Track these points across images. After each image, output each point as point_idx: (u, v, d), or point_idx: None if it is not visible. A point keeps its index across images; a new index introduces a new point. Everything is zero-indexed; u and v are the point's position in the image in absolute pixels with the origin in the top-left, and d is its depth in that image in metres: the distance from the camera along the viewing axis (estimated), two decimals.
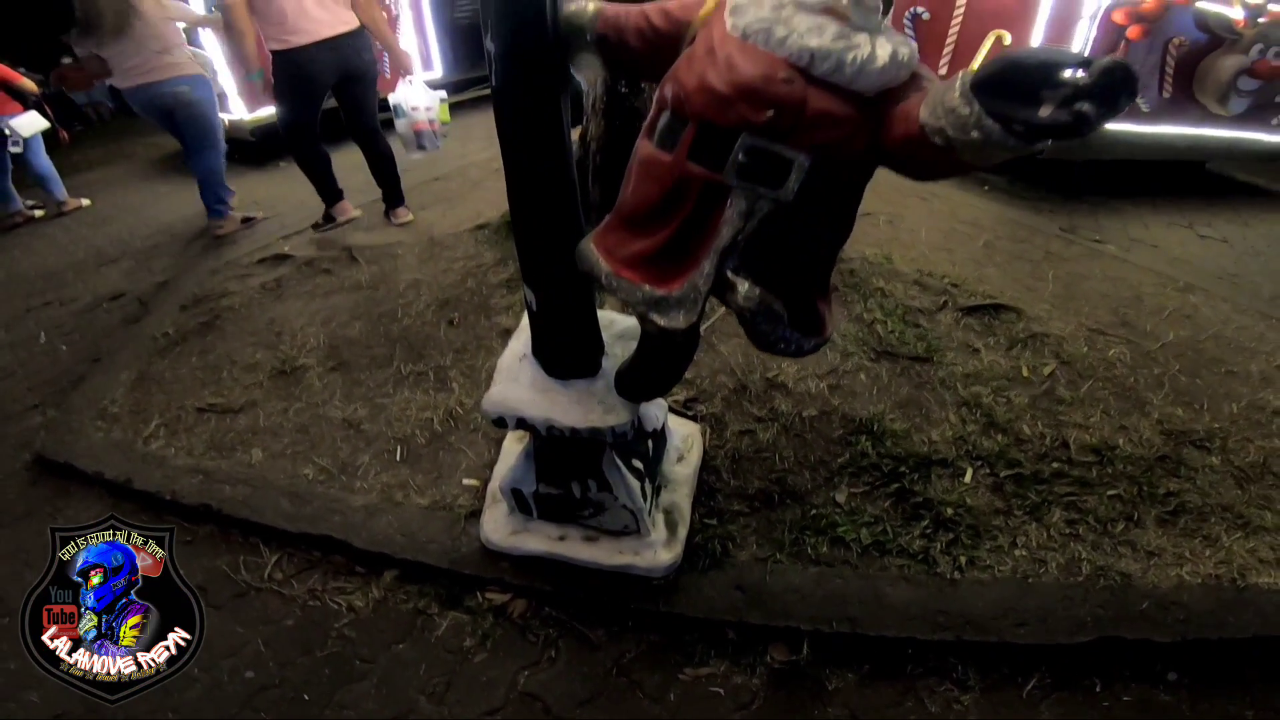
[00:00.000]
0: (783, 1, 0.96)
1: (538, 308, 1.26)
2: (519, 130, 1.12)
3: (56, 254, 4.00)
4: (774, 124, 0.94)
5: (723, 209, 1.01)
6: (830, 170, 0.98)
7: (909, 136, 0.91)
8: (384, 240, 3.11)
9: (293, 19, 2.95)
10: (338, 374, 2.21)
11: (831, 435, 1.85)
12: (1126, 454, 1.84)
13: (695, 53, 1.00)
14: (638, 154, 1.08)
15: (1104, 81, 0.71)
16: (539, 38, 1.05)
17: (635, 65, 1.17)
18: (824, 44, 0.92)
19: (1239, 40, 3.50)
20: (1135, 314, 2.49)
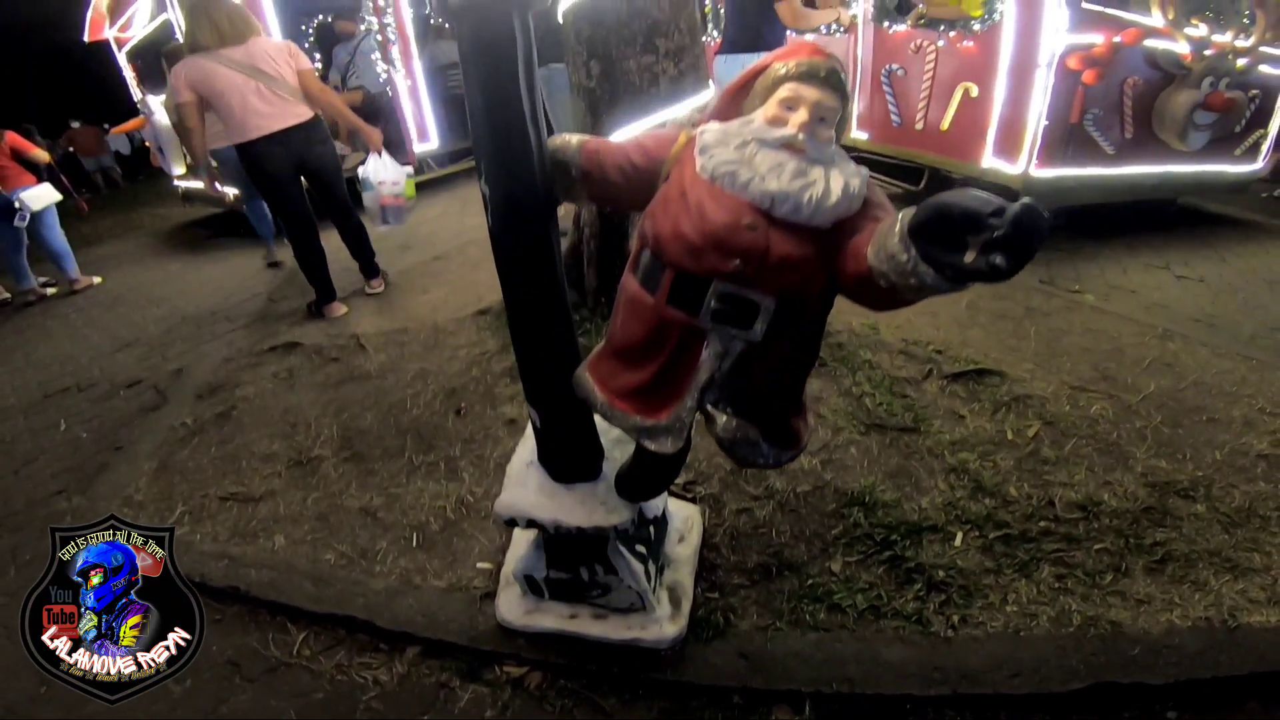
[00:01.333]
0: (746, 139, 1.08)
1: (541, 424, 1.41)
2: (516, 268, 1.28)
3: (72, 337, 4.20)
4: (741, 272, 1.06)
5: (701, 348, 1.14)
6: (794, 309, 1.10)
7: (859, 275, 1.01)
8: (390, 326, 3.30)
9: (239, 115, 3.20)
10: (352, 464, 2.35)
11: (825, 509, 1.97)
12: (1112, 508, 1.94)
13: (670, 194, 1.13)
14: (624, 290, 1.21)
15: (1013, 232, 0.78)
16: (529, 184, 1.21)
17: (617, 198, 1.31)
18: (782, 186, 1.04)
19: (1189, 75, 3.65)
20: (1116, 367, 2.61)
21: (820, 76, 1.07)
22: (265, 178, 3.37)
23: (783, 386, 1.24)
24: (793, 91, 1.08)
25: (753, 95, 1.14)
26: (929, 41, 4.19)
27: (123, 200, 11.23)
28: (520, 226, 1.24)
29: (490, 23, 1.10)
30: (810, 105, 1.06)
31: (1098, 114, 3.68)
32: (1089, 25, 3.48)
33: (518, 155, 1.18)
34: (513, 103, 1.15)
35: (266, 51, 3.24)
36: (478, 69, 1.14)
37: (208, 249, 6.05)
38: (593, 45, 2.48)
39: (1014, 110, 3.73)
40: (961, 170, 4.16)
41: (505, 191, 1.21)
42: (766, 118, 1.08)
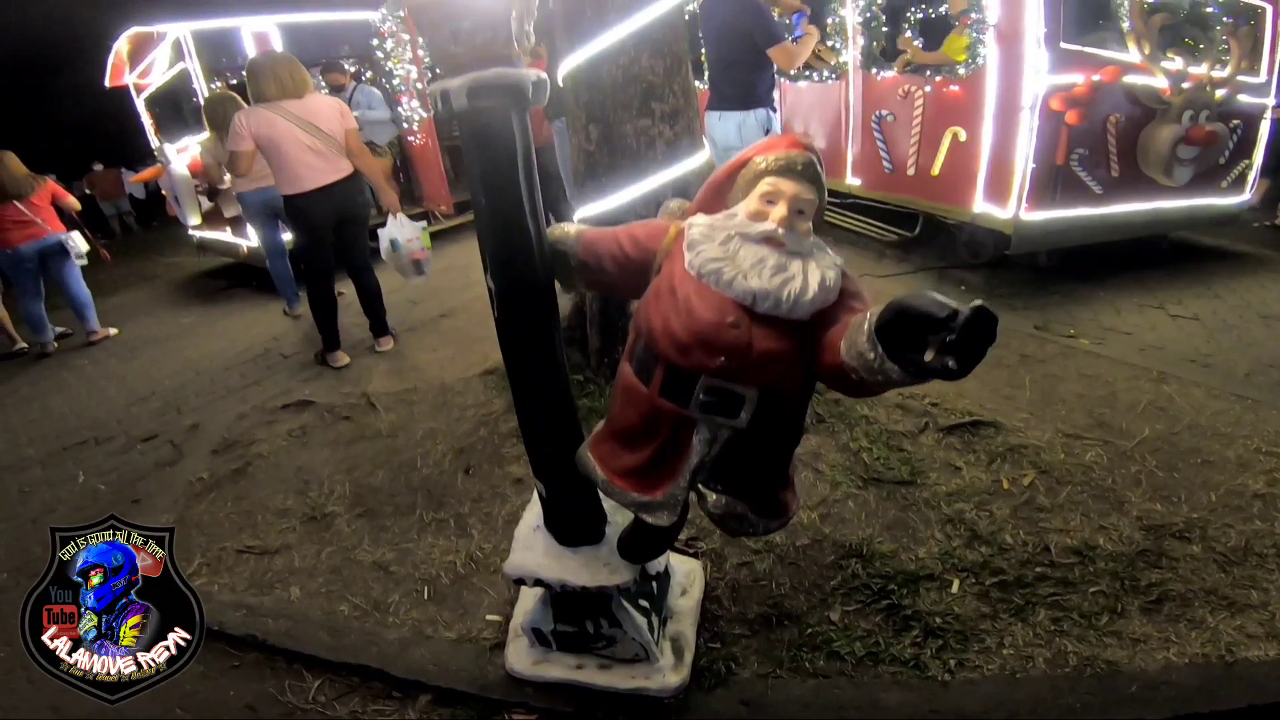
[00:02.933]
0: (730, 233, 1.18)
1: (547, 495, 1.53)
2: (520, 354, 1.40)
3: (88, 389, 4.34)
4: (726, 368, 1.16)
5: (692, 434, 1.24)
6: (776, 398, 1.20)
7: (834, 367, 1.09)
8: (399, 386, 3.43)
9: (292, 167, 3.45)
10: (365, 520, 2.45)
11: (824, 560, 2.05)
12: (1108, 552, 2.00)
13: (661, 288, 1.24)
14: (621, 378, 1.32)
15: (962, 338, 0.85)
16: (530, 277, 1.33)
17: (613, 287, 1.42)
18: (763, 284, 1.13)
19: (1169, 109, 3.72)
20: (1111, 413, 2.68)
21: (797, 170, 1.17)
22: (307, 227, 3.63)
23: (769, 465, 1.34)
24: (772, 186, 1.18)
25: (736, 187, 1.25)
26: (916, 87, 4.31)
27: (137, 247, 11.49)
28: (523, 318, 1.36)
29: (491, 124, 1.23)
30: (788, 199, 1.17)
31: (1083, 154, 3.75)
32: (1069, 65, 3.56)
33: (519, 249, 1.31)
34: (513, 198, 1.27)
35: (321, 108, 3.50)
36: (480, 166, 1.26)
37: (221, 300, 6.22)
38: (591, 109, 2.61)
39: (1001, 154, 3.82)
40: (954, 215, 4.24)
41: (508, 285, 1.34)
42: (748, 213, 1.19)
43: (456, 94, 1.18)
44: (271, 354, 4.38)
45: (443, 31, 1.18)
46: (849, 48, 4.93)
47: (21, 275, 4.96)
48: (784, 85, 5.90)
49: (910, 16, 4.65)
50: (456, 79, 1.19)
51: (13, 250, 4.84)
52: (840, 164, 5.24)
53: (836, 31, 5.05)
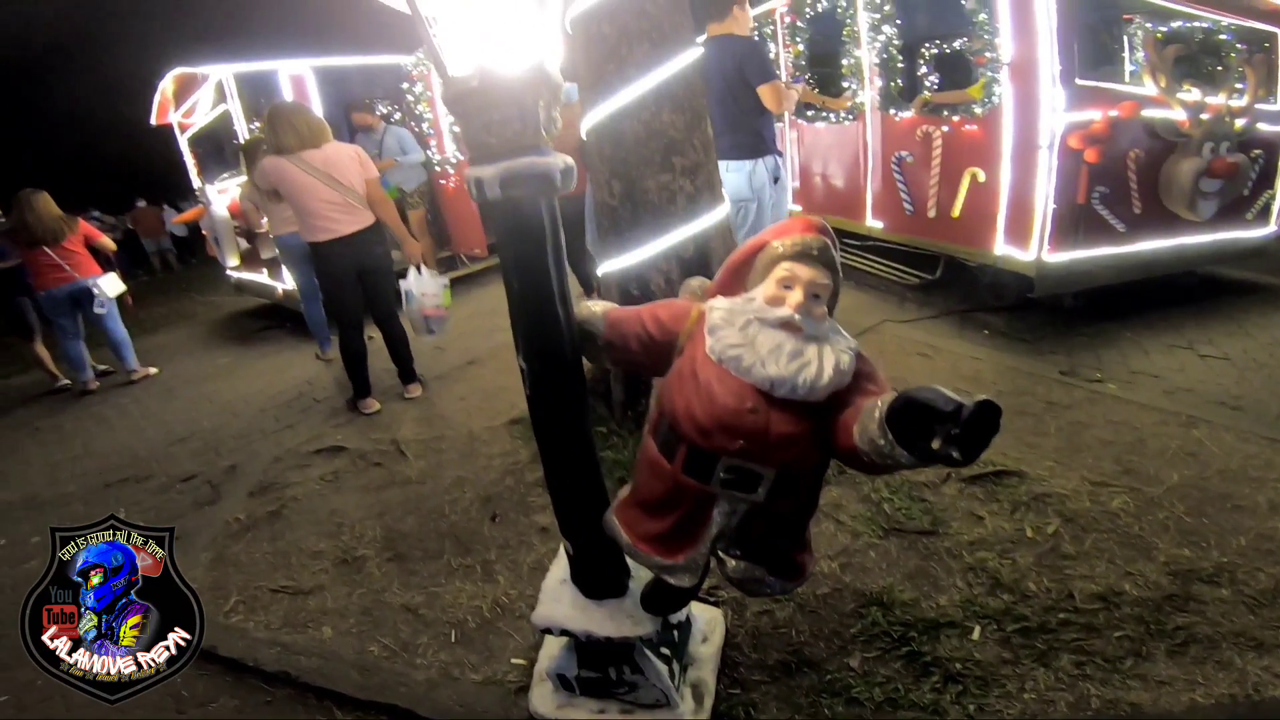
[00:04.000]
0: (749, 318, 1.24)
1: (574, 553, 1.61)
2: (551, 427, 1.50)
3: (129, 428, 4.52)
4: (745, 450, 1.23)
5: (712, 507, 1.32)
6: (793, 474, 1.27)
7: (848, 448, 1.16)
8: (428, 433, 3.54)
9: (310, 219, 3.62)
10: (395, 564, 2.54)
11: (844, 609, 2.08)
12: (1133, 597, 2.00)
13: (684, 371, 1.31)
14: (645, 453, 1.41)
15: (965, 433, 0.92)
16: (560, 358, 1.42)
17: (638, 365, 1.51)
18: (780, 371, 1.18)
19: (1190, 142, 3.68)
20: (1138, 459, 2.66)
21: (813, 255, 1.24)
22: (327, 276, 3.81)
23: (786, 533, 1.40)
24: (789, 271, 1.24)
25: (754, 270, 1.32)
26: (934, 127, 4.32)
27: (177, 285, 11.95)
28: (554, 395, 1.46)
29: (522, 212, 1.33)
30: (804, 285, 1.23)
31: (1104, 192, 3.71)
32: (1086, 102, 3.54)
33: (549, 331, 1.40)
34: (543, 283, 1.36)
35: (339, 158, 3.64)
36: (513, 252, 1.36)
37: (257, 342, 6.41)
38: (614, 164, 2.69)
39: (1021, 194, 3.79)
40: (976, 258, 4.23)
41: (540, 364, 1.43)
42: (766, 297, 1.25)
43: (489, 184, 1.26)
44: (305, 398, 4.54)
45: (475, 122, 1.26)
46: (865, 88, 5.00)
47: (57, 317, 5.16)
48: (801, 126, 6.01)
49: (925, 53, 4.71)
50: (490, 168, 1.27)
51: (46, 293, 5.05)
52: (860, 206, 5.28)
53: (852, 72, 5.14)
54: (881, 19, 4.74)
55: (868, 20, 4.85)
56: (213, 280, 10.12)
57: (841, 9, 5.13)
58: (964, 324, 4.29)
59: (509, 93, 1.23)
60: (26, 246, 4.96)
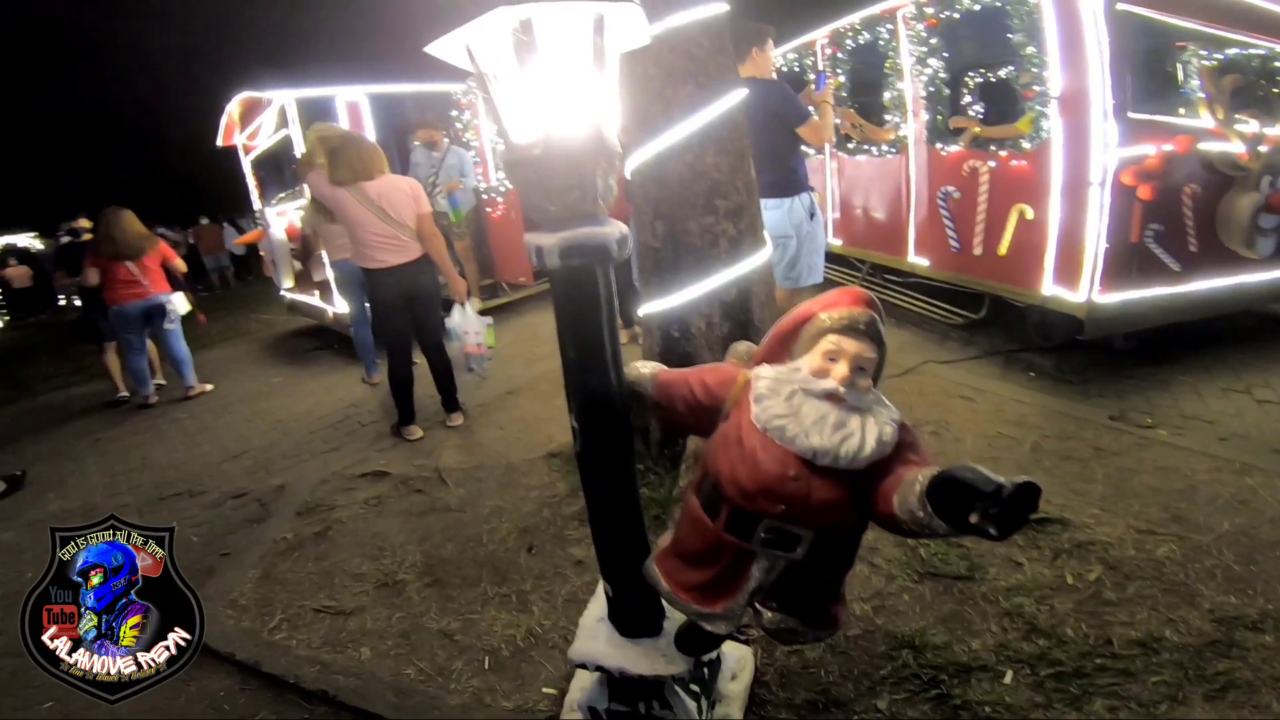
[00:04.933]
0: (794, 389, 1.29)
1: (613, 595, 1.67)
2: (598, 482, 1.58)
3: (185, 443, 4.74)
4: (786, 514, 1.28)
5: (752, 563, 1.37)
6: (831, 536, 1.32)
7: (887, 515, 1.21)
8: (469, 462, 3.65)
9: (362, 249, 3.80)
10: (433, 589, 2.62)
11: (875, 650, 2.08)
12: (1174, 643, 1.98)
13: (729, 436, 1.36)
14: (688, 508, 1.47)
15: (1002, 513, 0.98)
16: (611, 419, 1.50)
17: (685, 426, 1.58)
18: (823, 442, 1.23)
19: (1248, 176, 3.56)
20: (1188, 507, 2.61)
21: (860, 329, 1.27)
22: (376, 304, 4.00)
23: (822, 587, 1.45)
24: (835, 344, 1.27)
25: (800, 340, 1.36)
26: (982, 162, 4.27)
27: (234, 302, 12.46)
28: (603, 454, 1.54)
29: (579, 280, 1.39)
30: (850, 358, 1.26)
31: (1159, 230, 3.60)
32: (1139, 136, 3.46)
33: (601, 395, 1.48)
34: (598, 349, 1.43)
35: (393, 192, 3.78)
36: (569, 319, 1.43)
37: (308, 362, 6.64)
38: (658, 206, 2.73)
39: (1071, 233, 3.71)
40: (1023, 298, 4.16)
41: (591, 425, 1.51)
42: (812, 369, 1.29)
43: (549, 253, 1.33)
44: (351, 420, 4.70)
45: (537, 189, 1.32)
46: (909, 121, 4.98)
47: (127, 332, 5.42)
48: (841, 158, 6.00)
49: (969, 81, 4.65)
50: (550, 237, 1.33)
51: (119, 308, 5.30)
52: (902, 242, 5.26)
53: (895, 105, 5.14)
54: (928, 52, 4.74)
55: (913, 53, 4.86)
56: (266, 299, 10.50)
57: (884, 41, 5.15)
58: (1008, 365, 4.23)
59: (570, 161, 1.28)
60: (109, 260, 5.22)
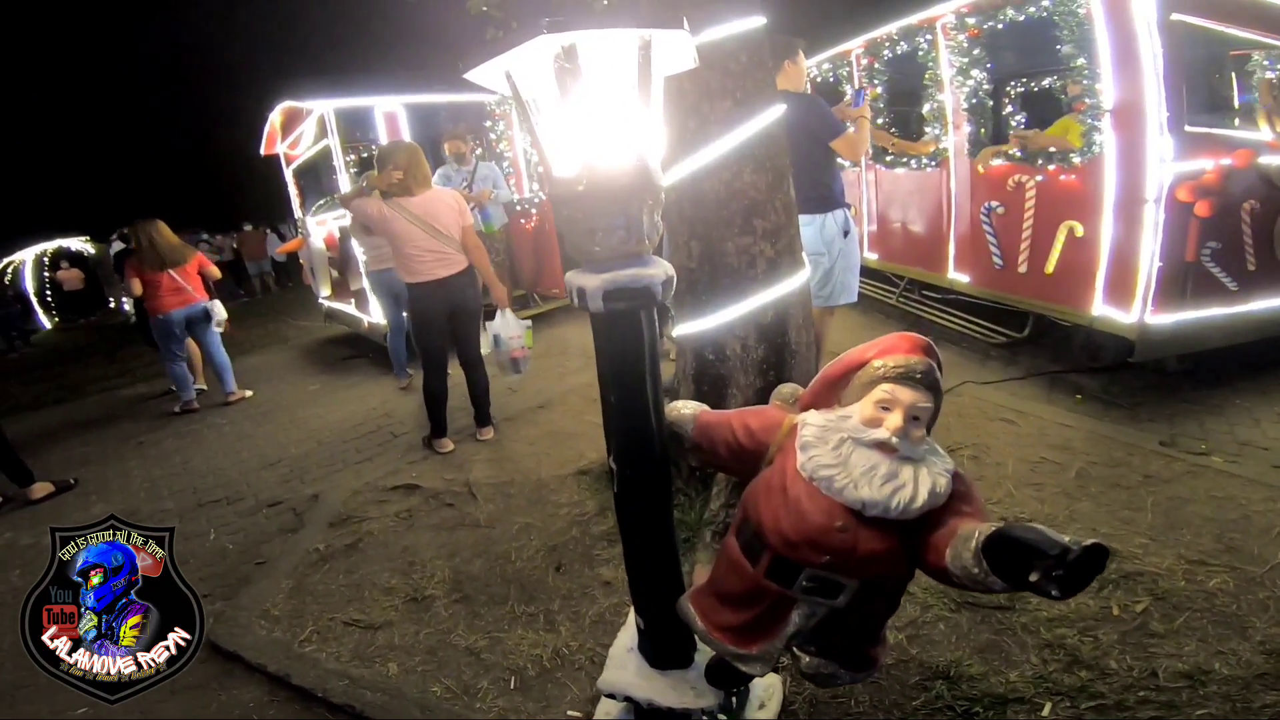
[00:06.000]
0: (844, 437, 1.23)
1: (645, 628, 1.65)
2: (635, 524, 1.56)
3: (225, 450, 4.86)
4: (830, 564, 1.23)
5: (792, 608, 1.32)
6: (877, 585, 1.28)
7: (937, 568, 1.16)
8: (499, 477, 3.66)
9: (407, 262, 3.83)
10: (461, 606, 2.63)
11: (908, 681, 2.03)
12: (1222, 675, 1.91)
13: (772, 483, 1.32)
14: (728, 551, 1.42)
15: (1069, 575, 0.92)
16: (650, 464, 1.47)
17: (725, 468, 1.55)
18: (873, 494, 1.17)
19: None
20: (1242, 537, 2.52)
21: (916, 379, 1.22)
22: (419, 316, 4.00)
23: (864, 632, 1.40)
24: (889, 394, 1.21)
25: (851, 387, 1.30)
26: (1028, 176, 4.17)
27: (273, 307, 12.80)
28: (642, 498, 1.51)
29: (623, 325, 1.36)
30: (905, 408, 1.21)
31: (1216, 248, 3.49)
32: (1195, 150, 3.36)
33: (641, 439, 1.45)
34: (639, 394, 1.40)
35: (438, 206, 3.83)
36: (611, 364, 1.40)
37: (344, 370, 6.74)
38: (694, 225, 2.67)
39: (1124, 251, 3.61)
40: (1070, 317, 4.07)
41: (631, 470, 1.48)
42: (863, 418, 1.23)
43: (593, 296, 1.29)
44: (384, 430, 4.77)
45: (581, 227, 1.28)
46: (949, 133, 4.90)
47: (169, 339, 5.59)
48: (878, 170, 5.93)
49: (1011, 91, 4.51)
50: (594, 279, 1.29)
51: (165, 315, 5.48)
52: (941, 257, 5.17)
53: (935, 117, 5.06)
54: (970, 63, 4.66)
55: (954, 64, 4.78)
56: (305, 305, 10.76)
57: (923, 52, 5.07)
58: (1053, 387, 4.11)
59: (614, 199, 1.24)
60: (153, 269, 5.40)
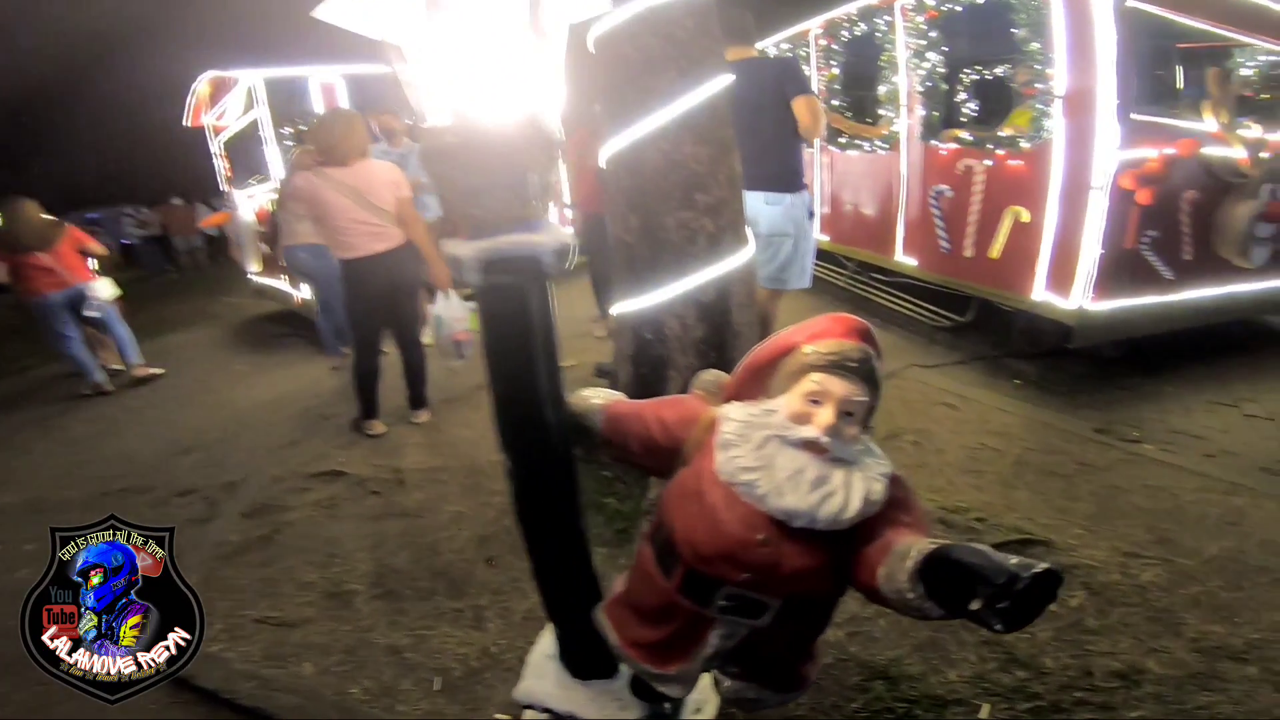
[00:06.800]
0: (768, 434, 1.10)
1: (561, 638, 1.54)
2: (537, 528, 1.42)
3: (138, 434, 4.55)
4: (750, 583, 1.11)
5: (710, 628, 1.19)
6: (804, 602, 1.16)
7: (869, 586, 1.04)
8: (431, 462, 3.49)
9: (340, 236, 3.61)
10: (383, 602, 2.48)
11: (847, 681, 1.98)
12: (1156, 675, 1.92)
13: (687, 486, 1.18)
14: (641, 559, 1.29)
15: (1015, 607, 0.83)
16: (547, 459, 1.31)
17: (640, 466, 1.41)
18: (799, 502, 1.05)
19: (1248, 183, 3.52)
20: (1175, 528, 2.55)
21: (851, 368, 1.07)
22: (354, 294, 3.77)
23: (792, 651, 1.29)
24: (819, 385, 1.07)
25: (778, 375, 1.15)
26: (977, 161, 4.19)
27: (203, 284, 12.21)
28: (540, 497, 1.36)
29: (506, 301, 1.17)
30: (837, 402, 1.07)
31: (1155, 236, 3.56)
32: (1141, 138, 3.39)
33: (535, 434, 1.27)
34: (529, 383, 1.22)
35: (371, 176, 3.61)
36: (494, 346, 1.22)
37: (275, 348, 6.45)
38: (632, 197, 2.57)
39: (1067, 237, 3.64)
40: (1012, 302, 4.10)
41: (524, 468, 1.33)
42: (790, 413, 1.09)
43: (469, 267, 1.11)
44: (313, 412, 4.53)
45: (457, 188, 1.10)
46: (902, 117, 4.88)
47: (53, 321, 5.21)
48: (832, 153, 5.92)
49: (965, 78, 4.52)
50: (468, 248, 1.11)
51: (39, 299, 5.11)
52: (890, 240, 5.17)
53: (890, 100, 5.04)
54: (926, 45, 4.64)
55: (910, 45, 4.75)
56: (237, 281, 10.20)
57: (881, 34, 5.04)
58: (994, 372, 4.17)
59: (496, 154, 1.06)
60: (20, 253, 5.04)
